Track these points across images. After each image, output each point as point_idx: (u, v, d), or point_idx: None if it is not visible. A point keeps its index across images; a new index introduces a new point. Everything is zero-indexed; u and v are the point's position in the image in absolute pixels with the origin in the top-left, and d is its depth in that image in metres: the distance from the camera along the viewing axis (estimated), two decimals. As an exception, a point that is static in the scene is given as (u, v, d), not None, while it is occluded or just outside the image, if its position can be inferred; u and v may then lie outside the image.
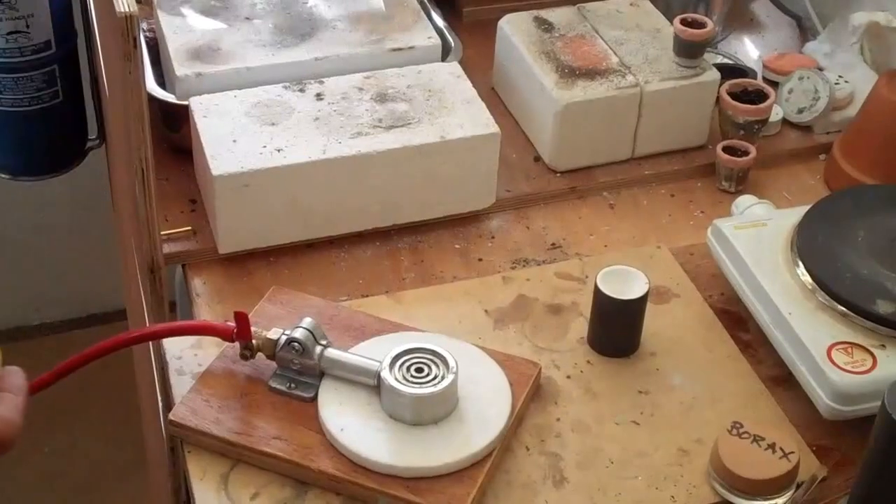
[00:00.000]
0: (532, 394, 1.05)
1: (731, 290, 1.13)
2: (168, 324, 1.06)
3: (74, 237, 2.25)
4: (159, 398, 1.23)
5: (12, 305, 2.32)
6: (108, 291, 2.25)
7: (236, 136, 1.17)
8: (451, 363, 0.99)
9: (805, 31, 1.53)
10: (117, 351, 1.01)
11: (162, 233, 1.14)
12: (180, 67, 1.27)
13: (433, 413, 0.98)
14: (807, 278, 1.07)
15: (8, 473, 2.10)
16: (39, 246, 2.26)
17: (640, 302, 1.07)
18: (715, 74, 1.31)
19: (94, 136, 1.60)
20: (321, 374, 1.01)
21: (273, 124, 1.19)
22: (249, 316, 1.01)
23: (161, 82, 1.30)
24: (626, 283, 1.07)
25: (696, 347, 1.11)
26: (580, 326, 1.12)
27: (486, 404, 1.00)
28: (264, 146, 1.16)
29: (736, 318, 1.14)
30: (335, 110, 1.21)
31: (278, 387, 1.02)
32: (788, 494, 0.97)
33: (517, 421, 1.02)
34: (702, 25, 1.29)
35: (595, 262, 1.17)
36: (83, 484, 2.08)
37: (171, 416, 1.00)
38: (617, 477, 0.99)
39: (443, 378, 0.98)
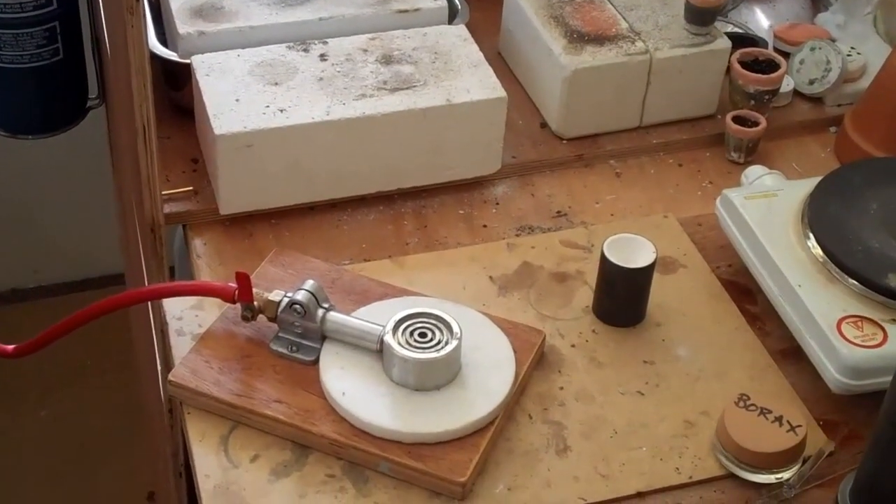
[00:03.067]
0: (536, 362, 1.03)
1: (739, 262, 1.12)
2: (168, 284, 1.04)
3: (73, 199, 2.24)
4: (158, 360, 1.22)
5: (9, 267, 2.31)
6: (106, 255, 2.23)
7: (239, 96, 1.15)
8: (455, 329, 0.98)
9: (817, 2, 1.51)
10: (117, 311, 1.00)
11: (163, 192, 1.12)
12: (183, 25, 1.25)
13: (436, 379, 0.97)
14: (817, 250, 1.06)
15: (4, 437, 2.09)
16: (37, 207, 2.25)
17: (647, 271, 1.06)
18: (726, 42, 1.29)
19: (94, 96, 1.58)
20: (323, 338, 1.00)
21: (276, 84, 1.17)
22: (251, 277, 1.00)
23: (163, 40, 1.28)
24: (632, 252, 1.06)
25: (703, 319, 1.09)
26: (585, 295, 1.10)
27: (490, 371, 0.99)
28: (267, 106, 1.14)
29: (744, 290, 1.12)
30: (339, 71, 1.19)
31: (279, 349, 1.00)
32: (795, 469, 0.96)
33: (520, 389, 1.01)
34: (714, -8, 1.27)
35: (601, 231, 1.15)
36: (80, 448, 2.07)
37: (170, 377, 0.99)
38: (621, 447, 0.98)
39: (446, 343, 0.97)
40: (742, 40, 1.37)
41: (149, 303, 1.14)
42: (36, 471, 2.03)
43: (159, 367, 1.21)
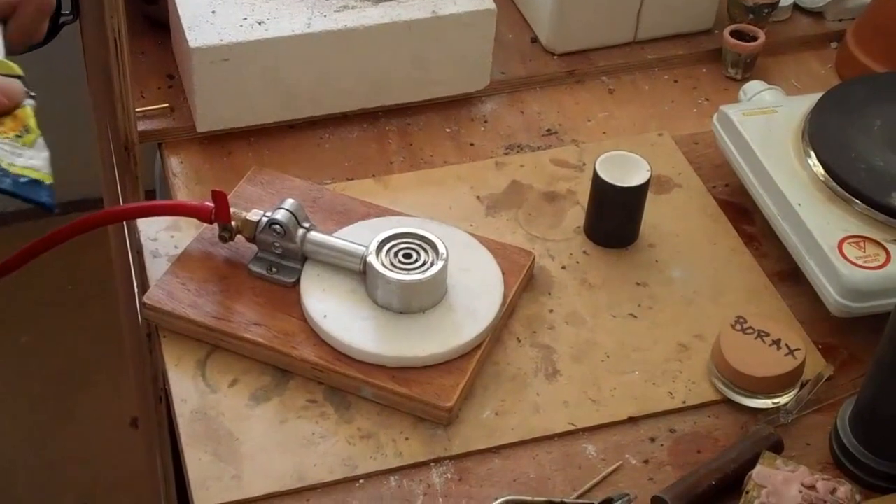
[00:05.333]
0: (525, 284, 1.00)
1: (736, 181, 1.08)
2: (142, 203, 1.00)
3: (49, 118, 2.18)
4: (135, 283, 1.18)
5: (-14, 191, 2.25)
6: (84, 178, 2.18)
7: (215, 7, 1.10)
8: (441, 249, 0.94)
9: (819, -88, 1.46)
10: (89, 231, 0.96)
11: (137, 109, 1.08)
12: (157, -66, 1.19)
13: (421, 301, 0.93)
14: (818, 168, 1.02)
15: (-18, 365, 2.06)
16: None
17: (641, 190, 1.02)
18: (725, -47, 1.24)
19: (67, 11, 1.51)
20: (303, 259, 0.96)
21: (255, -5, 1.12)
22: (228, 197, 0.96)
23: (137, -50, 1.23)
24: (626, 170, 1.02)
25: (699, 239, 1.06)
26: (576, 215, 1.07)
27: (477, 293, 0.96)
28: (245, 18, 1.09)
29: (741, 210, 1.09)
30: (321, -18, 1.14)
31: (259, 271, 0.96)
32: (792, 393, 0.93)
33: (509, 311, 0.97)
34: None
35: (593, 150, 1.11)
36: (62, 374, 2.04)
37: (145, 299, 0.95)
38: (612, 371, 0.95)
39: (432, 265, 0.93)
40: (741, -48, 1.32)
41: (124, 224, 1.10)
42: (17, 398, 2.00)
43: (136, 291, 1.17)
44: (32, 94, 0.75)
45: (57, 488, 1.85)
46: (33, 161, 0.72)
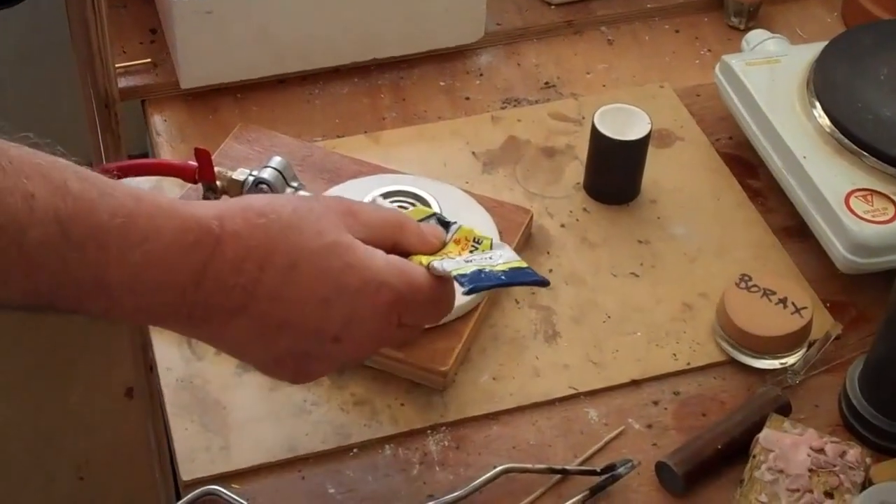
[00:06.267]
0: (523, 243, 0.96)
1: (740, 134, 1.05)
2: (122, 162, 0.96)
3: (31, 75, 2.13)
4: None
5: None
6: (69, 136, 2.14)
7: (199, -43, 1.06)
8: (435, 208, 0.90)
9: None
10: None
11: (118, 65, 1.04)
12: None
13: (415, 262, 0.90)
14: (824, 120, 0.98)
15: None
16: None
17: (642, 143, 0.98)
18: None
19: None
20: (292, 219, 0.92)
21: (240, -56, 1.07)
22: (214, 156, 0.93)
23: None
24: (626, 123, 0.98)
25: (702, 195, 1.02)
26: (576, 171, 1.03)
27: (473, 253, 0.92)
28: (230, -32, 1.05)
29: (745, 164, 1.05)
30: (309, -70, 1.10)
31: (245, 232, 0.93)
32: (800, 353, 0.90)
33: (506, 272, 0.94)
34: None
35: (592, 102, 1.07)
36: (55, 344, 2.01)
37: (127, 264, 0.91)
38: (614, 332, 0.92)
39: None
40: None
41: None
42: (11, 366, 1.98)
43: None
44: (452, 221, 0.77)
45: (52, 458, 1.83)
46: (504, 256, 0.75)
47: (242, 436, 0.83)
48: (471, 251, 0.75)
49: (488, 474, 0.82)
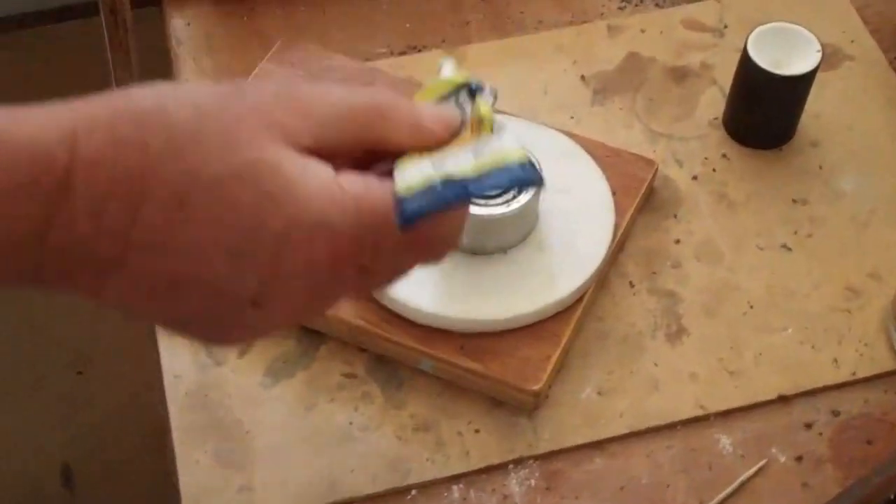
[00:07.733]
0: (642, 205, 0.75)
1: (932, 53, 0.83)
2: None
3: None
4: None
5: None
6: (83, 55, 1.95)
7: None
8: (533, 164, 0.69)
9: None
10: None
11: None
12: None
13: (502, 239, 0.70)
14: None
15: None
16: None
17: (807, 79, 0.77)
18: None
19: None
20: (343, 175, 0.72)
21: None
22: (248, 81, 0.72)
23: None
24: (787, 49, 0.80)
25: (876, 134, 0.84)
26: (713, 101, 0.84)
27: (578, 223, 0.73)
28: None
29: (936, 93, 0.84)
30: None
31: (283, 189, 0.73)
32: None
33: (619, 245, 0.75)
34: None
35: (739, 7, 0.87)
36: (72, 351, 1.88)
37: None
38: (757, 328, 0.74)
39: (519, 190, 0.69)
40: None
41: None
42: (27, 375, 1.86)
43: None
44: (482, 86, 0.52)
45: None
46: (491, 146, 0.51)
47: (269, 471, 0.65)
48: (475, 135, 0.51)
49: (588, 531, 0.64)
